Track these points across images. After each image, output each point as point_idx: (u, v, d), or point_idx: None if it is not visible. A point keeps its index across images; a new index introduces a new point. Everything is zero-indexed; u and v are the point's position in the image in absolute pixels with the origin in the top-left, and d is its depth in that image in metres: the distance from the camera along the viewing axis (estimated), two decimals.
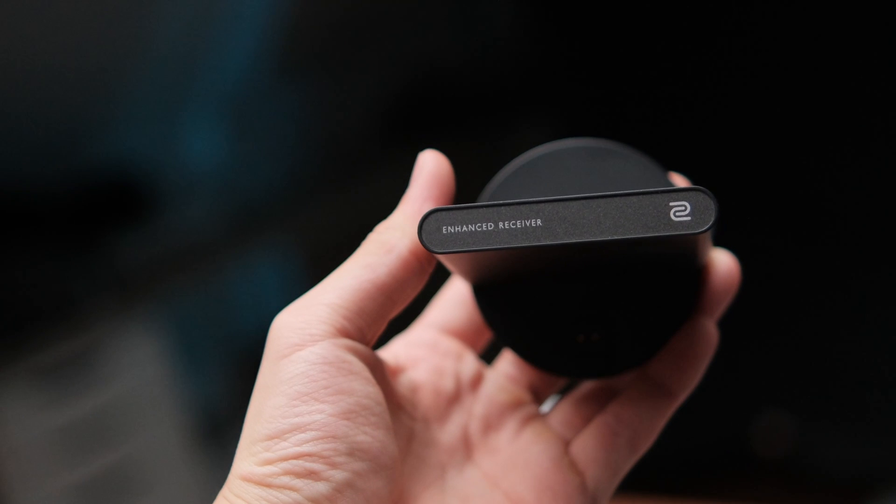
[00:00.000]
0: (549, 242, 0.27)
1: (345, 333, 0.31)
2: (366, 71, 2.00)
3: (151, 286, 1.61)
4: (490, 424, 0.34)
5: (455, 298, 0.37)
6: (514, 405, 0.35)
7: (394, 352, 0.36)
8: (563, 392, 0.37)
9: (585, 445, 0.33)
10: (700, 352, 0.33)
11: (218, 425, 1.89)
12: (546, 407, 0.37)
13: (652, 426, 0.33)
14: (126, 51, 1.79)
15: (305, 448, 0.29)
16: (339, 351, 0.30)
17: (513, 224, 0.28)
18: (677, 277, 0.33)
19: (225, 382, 2.03)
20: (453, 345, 0.37)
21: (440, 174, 0.32)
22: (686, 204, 0.27)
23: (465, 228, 0.28)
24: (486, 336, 0.37)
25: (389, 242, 0.32)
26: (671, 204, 0.27)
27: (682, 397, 0.33)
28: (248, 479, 0.30)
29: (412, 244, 0.31)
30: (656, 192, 0.27)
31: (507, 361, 0.37)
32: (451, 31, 1.71)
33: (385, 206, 0.37)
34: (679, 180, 0.35)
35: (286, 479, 0.29)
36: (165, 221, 1.74)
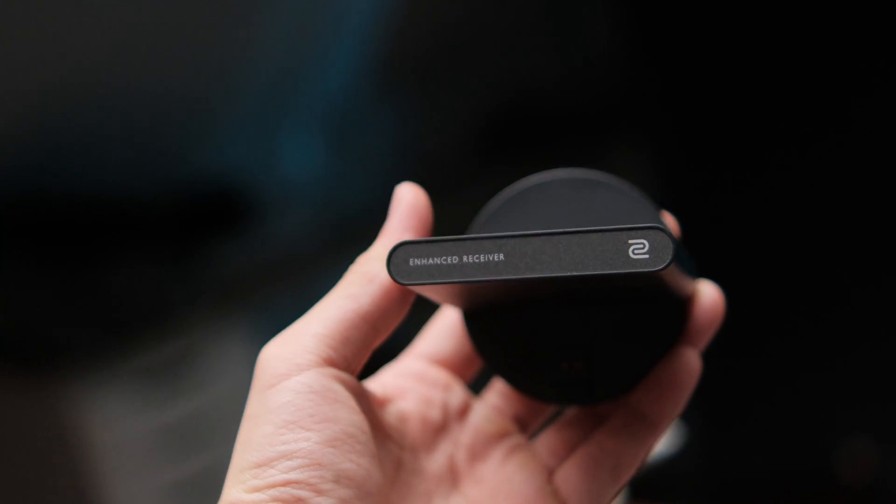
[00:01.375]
0: (509, 277, 0.28)
1: (330, 363, 0.31)
2: (462, 88, 2.01)
3: (248, 294, 1.63)
4: (476, 454, 0.35)
5: (444, 329, 0.38)
6: (501, 435, 0.36)
7: (382, 382, 0.36)
8: (550, 422, 0.37)
9: (569, 475, 0.33)
10: (682, 382, 0.33)
11: None
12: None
13: (634, 455, 0.33)
14: (229, 66, 1.82)
15: (292, 475, 0.30)
16: (325, 380, 0.31)
17: (476, 258, 0.28)
18: (661, 308, 0.33)
19: None
20: (441, 375, 0.37)
21: (417, 206, 0.33)
22: (644, 242, 0.27)
23: (431, 261, 0.29)
24: (475, 367, 0.38)
25: (371, 273, 0.32)
26: (630, 242, 0.27)
27: (664, 427, 0.33)
28: None
29: None
30: (615, 230, 0.27)
31: (495, 392, 0.37)
32: (547, 51, 1.71)
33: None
34: (669, 219, 0.35)
35: None
36: (263, 231, 1.75)
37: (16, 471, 1.19)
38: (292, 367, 0.31)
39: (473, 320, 0.34)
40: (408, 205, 0.34)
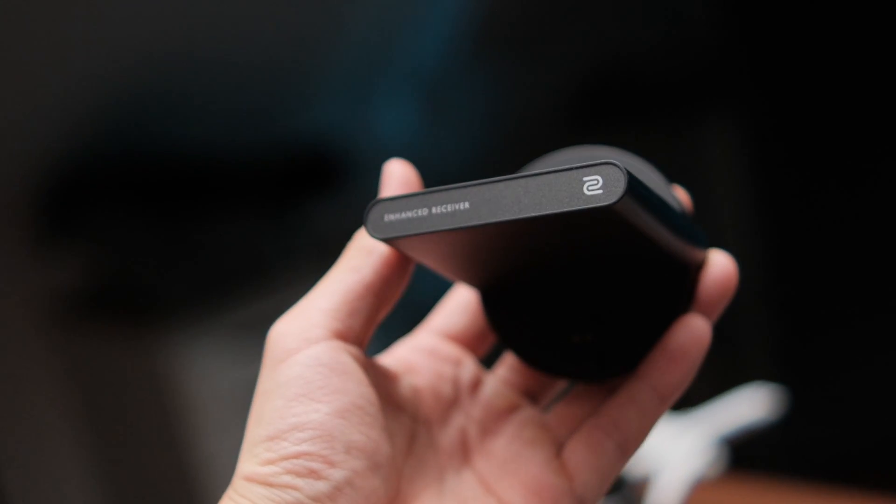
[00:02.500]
0: (474, 223, 0.28)
1: (338, 335, 0.31)
2: (554, 56, 1.99)
3: (341, 252, 1.64)
4: (487, 429, 0.35)
5: (457, 305, 0.38)
6: (511, 410, 0.35)
7: (395, 356, 0.36)
8: (561, 396, 0.36)
9: (575, 449, 0.33)
10: (689, 352, 0.32)
11: None
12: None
13: (641, 429, 0.33)
14: (328, 32, 1.83)
15: (304, 447, 0.30)
16: (334, 353, 0.31)
17: (444, 209, 0.28)
18: (667, 277, 0.32)
19: None
20: (453, 350, 0.37)
21: (408, 180, 0.33)
22: (598, 178, 0.27)
23: (403, 216, 0.29)
24: (487, 343, 0.38)
25: (369, 245, 0.32)
26: (584, 179, 0.27)
27: (672, 399, 0.32)
28: (252, 479, 0.31)
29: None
30: (570, 169, 0.27)
31: (506, 367, 0.37)
32: (640, 19, 1.69)
33: None
34: (682, 194, 0.35)
35: (288, 479, 0.30)
36: (357, 191, 1.76)
37: (115, 413, 1.21)
38: (301, 342, 0.31)
39: (489, 296, 0.34)
40: (398, 178, 0.34)
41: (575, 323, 0.32)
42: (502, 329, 0.33)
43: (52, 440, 1.15)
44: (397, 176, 0.33)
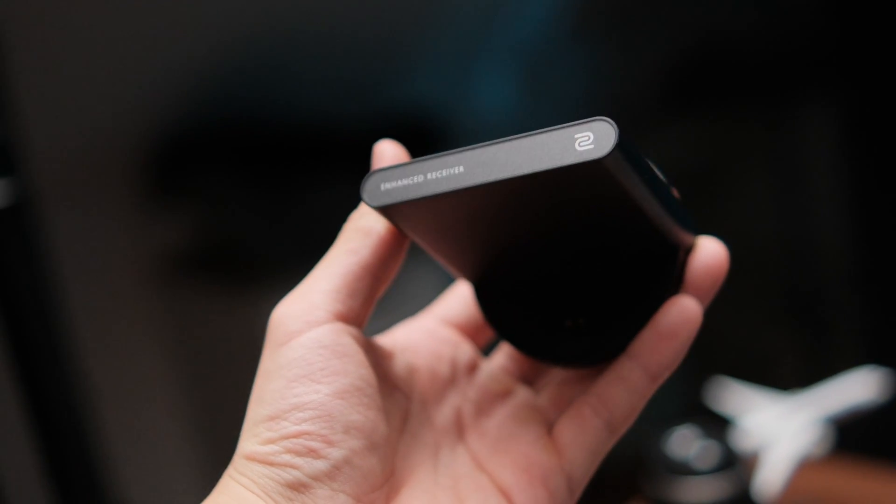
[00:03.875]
0: (468, 184, 0.28)
1: (339, 317, 0.32)
2: (654, 33, 1.96)
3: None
4: (482, 409, 0.35)
5: (459, 297, 0.38)
6: (506, 393, 0.35)
7: (394, 336, 0.37)
8: None
9: (564, 426, 0.33)
10: (678, 331, 0.32)
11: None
12: None
13: (630, 407, 0.32)
14: (431, 4, 1.81)
15: (304, 427, 0.30)
16: (335, 335, 0.31)
17: (439, 174, 0.29)
18: (657, 259, 0.32)
19: None
20: (452, 334, 0.37)
21: (396, 158, 0.33)
22: (590, 134, 0.27)
23: (399, 183, 0.30)
24: (485, 336, 0.38)
25: (366, 226, 0.33)
26: (576, 136, 0.27)
27: (662, 378, 0.32)
28: (252, 458, 0.31)
29: (387, 224, 0.32)
30: (562, 127, 0.28)
31: (503, 353, 0.37)
32: (739, 1, 1.65)
33: (662, 166, 0.35)
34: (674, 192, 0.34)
35: (288, 458, 0.30)
36: None
37: (216, 371, 1.21)
38: (303, 324, 0.32)
39: (482, 287, 0.34)
40: (389, 160, 0.34)
41: (567, 308, 0.33)
42: (496, 319, 0.34)
43: (153, 397, 1.16)
44: (388, 156, 0.33)
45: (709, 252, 0.33)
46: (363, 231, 0.32)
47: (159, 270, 1.65)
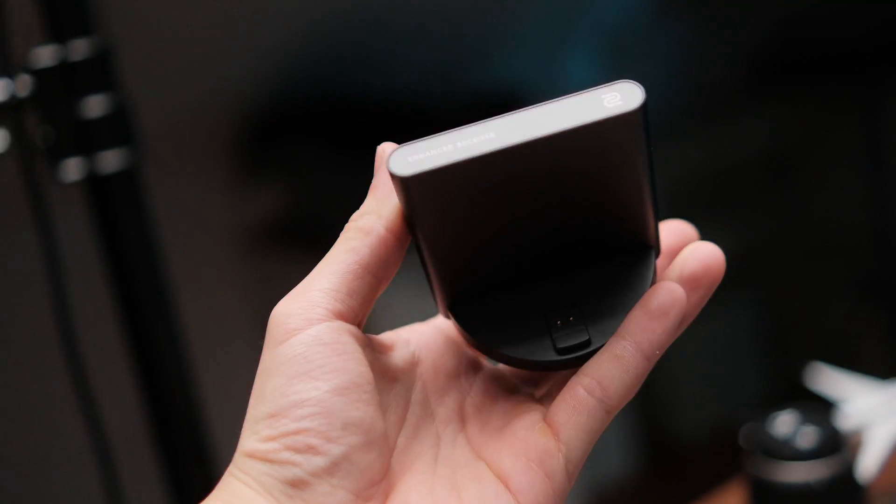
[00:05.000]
0: (500, 146, 0.28)
1: (339, 315, 0.31)
2: (739, 17, 1.92)
3: None
4: (484, 403, 0.35)
5: None
6: (510, 390, 0.35)
7: (399, 331, 0.37)
8: None
9: (559, 408, 0.32)
10: (670, 312, 0.32)
11: None
12: None
13: (625, 386, 0.32)
14: None
15: (303, 424, 0.30)
16: (334, 333, 0.31)
17: (470, 141, 0.29)
18: (632, 257, 0.33)
19: None
20: (457, 336, 0.37)
21: None
22: (616, 94, 0.28)
23: (428, 153, 0.29)
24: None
25: (367, 226, 0.32)
26: (603, 97, 0.28)
27: (655, 357, 0.32)
28: (252, 456, 0.31)
29: (387, 224, 0.32)
30: (591, 90, 0.29)
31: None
32: None
33: (748, 149, 0.34)
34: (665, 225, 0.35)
35: (287, 455, 0.30)
36: None
37: None
38: (303, 322, 0.31)
39: (463, 309, 0.33)
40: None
41: (555, 310, 0.33)
42: (483, 340, 0.33)
43: (243, 368, 1.16)
44: (388, 152, 0.32)
45: (706, 249, 0.34)
46: (363, 230, 0.32)
47: (250, 237, 1.66)
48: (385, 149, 0.33)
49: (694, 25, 2.06)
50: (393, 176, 0.30)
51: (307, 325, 0.31)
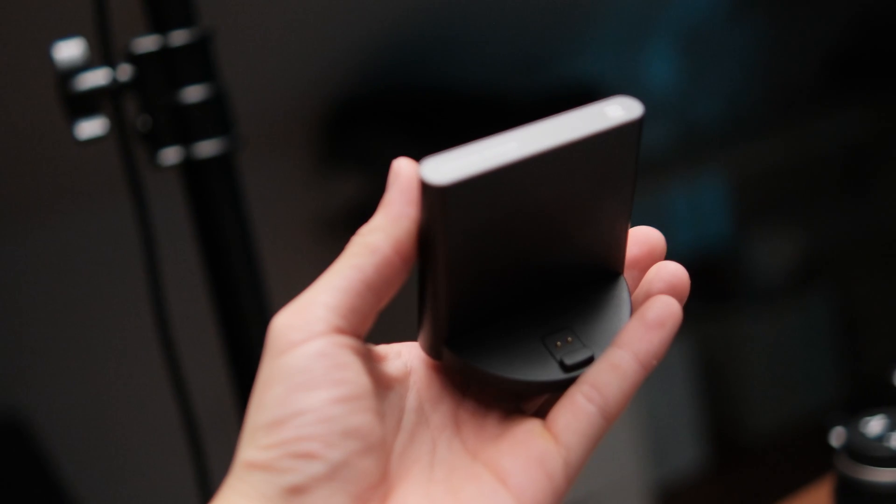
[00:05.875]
0: (529, 153, 0.29)
1: (340, 331, 0.31)
2: (818, 15, 1.89)
3: None
4: (479, 410, 0.35)
5: None
6: (503, 400, 0.35)
7: (390, 345, 0.36)
8: None
9: (558, 414, 0.33)
10: (667, 323, 0.33)
11: None
12: None
13: (622, 393, 0.33)
14: None
15: (304, 431, 0.30)
16: (335, 348, 0.31)
17: (494, 151, 0.30)
18: (606, 283, 0.35)
19: None
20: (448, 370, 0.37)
21: (412, 176, 0.32)
22: (618, 106, 0.30)
23: (459, 163, 0.30)
24: None
25: (374, 244, 0.32)
26: (606, 109, 0.30)
27: (651, 366, 0.33)
28: (252, 465, 0.31)
29: (395, 244, 0.32)
30: (593, 105, 0.31)
31: None
32: None
33: (821, 149, 0.34)
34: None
35: (287, 462, 0.30)
36: None
37: (381, 317, 1.22)
38: (305, 335, 0.31)
39: (459, 344, 0.33)
40: (406, 178, 0.32)
41: (550, 335, 0.34)
42: (484, 368, 0.33)
43: None
44: (406, 175, 0.32)
45: (670, 271, 0.34)
46: (370, 248, 0.32)
47: (330, 225, 1.68)
48: (401, 164, 0.33)
49: (771, 22, 2.03)
50: (428, 187, 0.30)
51: (309, 339, 0.31)
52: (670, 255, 0.39)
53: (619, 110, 0.30)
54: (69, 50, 0.55)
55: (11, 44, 1.22)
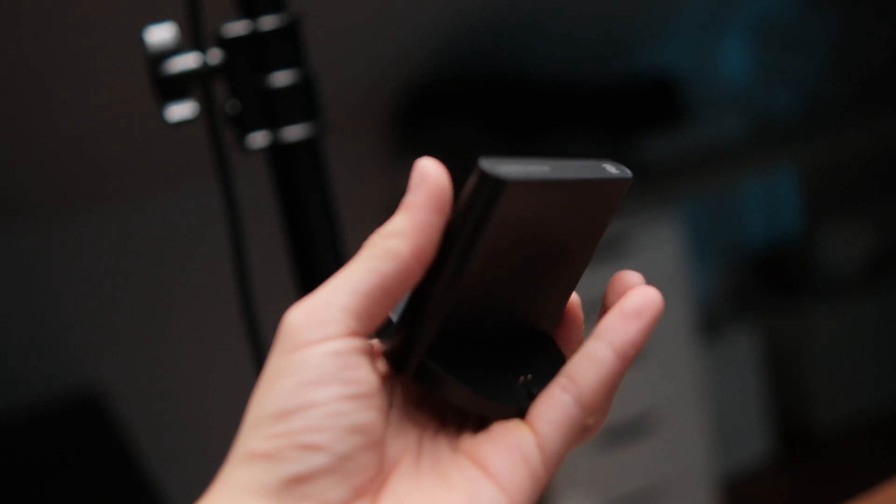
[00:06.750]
0: (553, 178, 0.32)
1: (354, 334, 0.31)
2: (890, 8, 1.85)
3: (674, 184, 1.60)
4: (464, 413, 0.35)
5: None
6: None
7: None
8: None
9: (535, 404, 0.33)
10: (644, 313, 0.33)
11: (714, 320, 1.87)
12: None
13: (598, 382, 0.33)
14: None
15: (311, 423, 0.30)
16: (348, 349, 0.31)
17: (535, 168, 0.32)
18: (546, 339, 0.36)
19: (726, 283, 2.00)
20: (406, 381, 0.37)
21: (440, 183, 0.32)
22: (612, 166, 0.35)
23: (513, 168, 0.31)
24: None
25: (397, 250, 0.32)
26: (604, 165, 0.34)
27: (629, 357, 0.33)
28: (254, 455, 0.31)
29: (418, 252, 0.32)
30: (597, 160, 0.35)
31: None
32: None
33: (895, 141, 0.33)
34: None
35: (292, 452, 0.30)
36: (693, 127, 1.71)
37: None
38: (321, 336, 0.31)
39: (443, 356, 0.34)
40: (432, 181, 0.32)
41: (516, 370, 0.34)
42: (471, 385, 0.34)
43: None
44: (431, 178, 0.32)
45: (642, 292, 0.34)
46: (393, 254, 0.31)
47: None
48: (427, 166, 0.32)
49: (847, 15, 1.99)
50: (493, 178, 0.31)
51: (325, 340, 0.31)
52: (743, 247, 0.38)
53: (614, 169, 0.34)
54: (160, 34, 0.55)
55: (105, 28, 1.23)
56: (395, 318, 0.33)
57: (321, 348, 0.31)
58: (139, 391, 1.56)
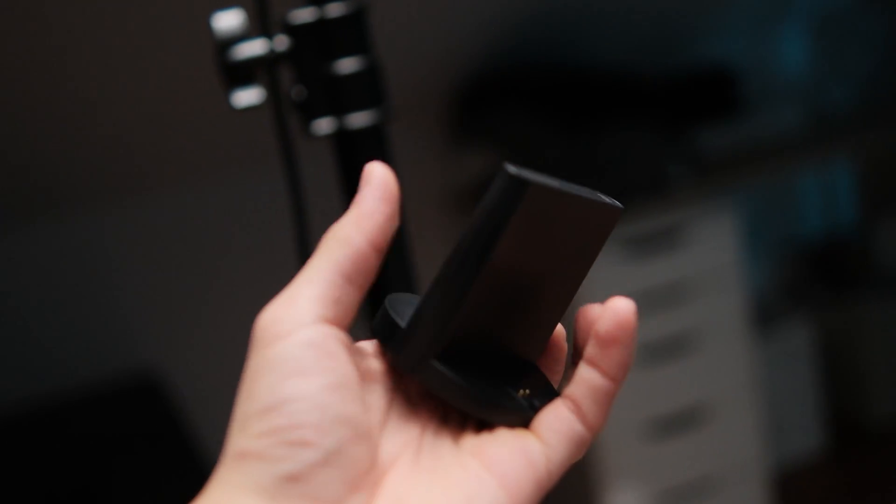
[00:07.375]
0: (566, 191, 0.33)
1: (326, 321, 0.32)
2: None
3: (731, 176, 1.58)
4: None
5: None
6: None
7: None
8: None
9: (541, 416, 0.34)
10: (618, 336, 0.33)
11: (768, 313, 1.85)
12: None
13: (597, 405, 0.34)
14: None
15: (297, 418, 0.30)
16: (323, 337, 0.31)
17: (549, 179, 0.33)
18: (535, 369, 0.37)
19: (781, 276, 1.98)
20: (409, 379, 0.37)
21: (385, 177, 0.34)
22: (606, 198, 0.35)
23: (532, 175, 0.33)
24: None
25: (347, 237, 0.33)
26: (598, 194, 0.35)
27: (620, 376, 0.33)
28: (245, 455, 0.31)
29: (367, 235, 0.33)
30: (594, 192, 0.36)
31: None
32: None
33: None
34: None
35: (282, 450, 0.30)
36: (750, 119, 1.70)
37: None
38: (293, 326, 0.32)
39: (446, 363, 0.34)
40: (379, 179, 0.34)
41: (515, 385, 0.35)
42: (476, 389, 0.34)
43: None
44: (378, 177, 0.34)
45: (620, 308, 0.34)
46: (343, 241, 0.33)
47: (458, 196, 1.68)
48: (374, 167, 0.34)
49: None
50: (514, 177, 0.32)
51: (297, 329, 0.31)
52: (798, 240, 0.37)
53: (606, 199, 0.36)
54: (228, 20, 0.55)
55: (174, 14, 1.24)
56: (402, 322, 0.34)
57: (296, 338, 0.31)
58: (197, 374, 1.57)
